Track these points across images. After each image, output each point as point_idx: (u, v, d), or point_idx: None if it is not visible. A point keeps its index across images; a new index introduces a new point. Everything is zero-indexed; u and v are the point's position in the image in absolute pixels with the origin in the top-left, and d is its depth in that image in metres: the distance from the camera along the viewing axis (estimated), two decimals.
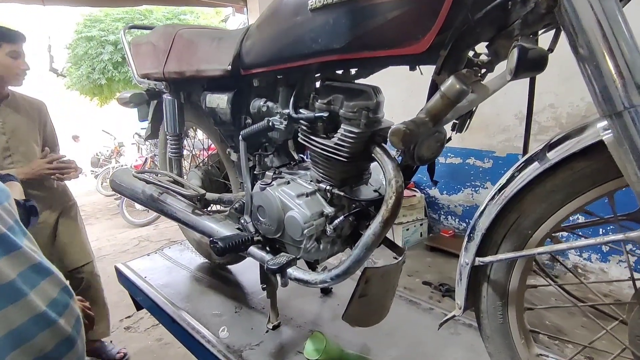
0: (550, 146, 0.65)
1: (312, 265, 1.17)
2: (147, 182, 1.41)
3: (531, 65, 0.57)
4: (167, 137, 1.44)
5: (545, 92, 3.17)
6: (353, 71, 0.98)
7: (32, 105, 1.73)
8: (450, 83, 0.60)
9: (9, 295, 0.64)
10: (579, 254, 3.33)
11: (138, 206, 5.50)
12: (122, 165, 6.71)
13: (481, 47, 0.77)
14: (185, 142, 1.77)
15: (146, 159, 6.01)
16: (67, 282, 0.80)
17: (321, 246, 0.99)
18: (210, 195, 1.32)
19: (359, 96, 0.88)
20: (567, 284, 0.81)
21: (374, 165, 1.00)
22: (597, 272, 3.24)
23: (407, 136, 0.60)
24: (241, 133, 1.04)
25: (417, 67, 0.86)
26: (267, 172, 1.04)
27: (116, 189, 1.57)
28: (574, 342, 1.42)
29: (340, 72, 1.00)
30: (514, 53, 0.58)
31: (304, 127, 0.96)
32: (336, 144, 0.89)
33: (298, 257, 0.97)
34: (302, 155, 1.21)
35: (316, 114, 0.90)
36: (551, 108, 3.17)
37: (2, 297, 0.63)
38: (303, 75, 0.99)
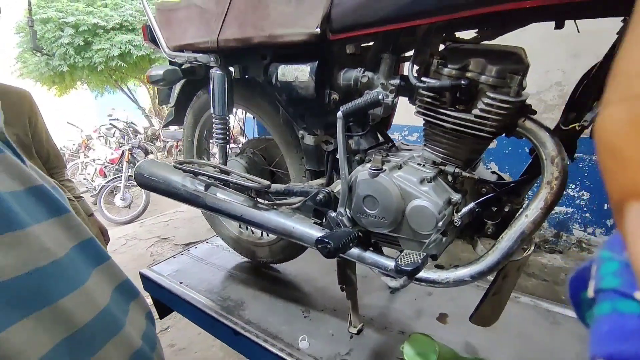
0: None
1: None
2: (196, 173, 1.19)
3: None
4: (213, 120, 1.22)
5: (552, 69, 3.17)
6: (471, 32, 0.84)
7: (17, 97, 1.36)
8: None
9: (107, 326, 0.45)
10: (583, 228, 3.42)
11: (118, 202, 5.09)
12: (93, 160, 6.19)
13: None
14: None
15: (123, 151, 5.55)
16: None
17: (444, 239, 0.85)
18: (275, 187, 1.13)
19: (506, 59, 0.73)
20: None
21: None
22: (601, 246, 3.34)
23: None
24: (341, 109, 0.86)
25: (564, 23, 0.73)
26: (374, 156, 0.87)
27: (146, 184, 1.33)
28: None
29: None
30: None
31: (428, 99, 0.80)
32: (478, 116, 0.75)
33: (426, 254, 0.82)
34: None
35: (453, 82, 0.75)
36: (558, 86, 3.18)
37: (101, 329, 0.43)
38: (423, 36, 0.82)
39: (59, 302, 0.35)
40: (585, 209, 3.36)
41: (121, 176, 5.08)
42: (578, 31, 0.74)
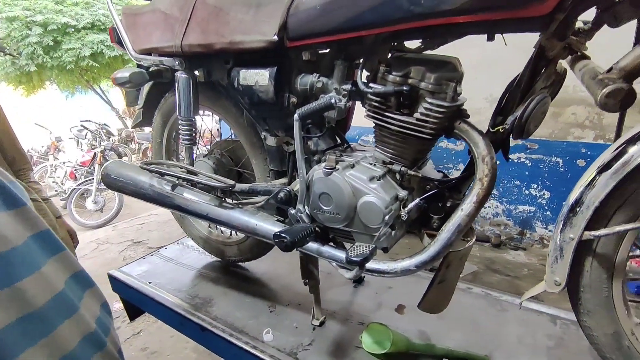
0: None
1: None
2: (162, 174, 1.22)
3: None
4: (179, 121, 1.26)
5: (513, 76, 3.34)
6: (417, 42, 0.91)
7: None
8: None
9: (62, 309, 0.49)
10: (544, 226, 3.62)
11: (89, 206, 4.97)
12: (63, 163, 6.01)
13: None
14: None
15: (95, 153, 5.42)
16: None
17: (393, 232, 0.92)
18: (239, 186, 1.18)
19: (443, 67, 0.81)
20: None
21: None
22: None
23: (629, 96, 0.55)
24: (298, 112, 0.92)
25: (496, 35, 0.82)
26: (329, 156, 0.93)
27: (112, 185, 1.34)
28: None
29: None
30: None
31: (375, 103, 0.87)
32: (419, 119, 0.82)
33: (375, 246, 0.89)
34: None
35: (396, 88, 0.82)
36: None
37: (57, 311, 0.48)
38: (370, 45, 0.89)
39: (17, 285, 0.40)
40: (546, 207, 3.55)
41: (93, 179, 4.95)
42: (505, 44, 0.83)
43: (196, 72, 1.21)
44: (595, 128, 3.22)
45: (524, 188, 3.66)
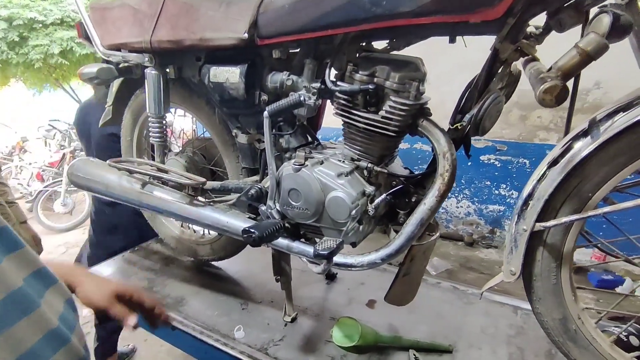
0: (608, 116, 0.70)
1: None
2: (131, 172, 1.20)
3: (621, 31, 0.60)
4: (149, 119, 1.24)
5: None
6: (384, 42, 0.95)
7: None
8: (590, 37, 0.60)
9: (20, 306, 0.48)
10: None
11: (58, 209, 4.77)
12: (29, 164, 5.75)
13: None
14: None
15: (64, 154, 5.22)
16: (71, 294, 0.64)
17: (361, 227, 0.94)
18: (210, 184, 1.18)
19: (406, 67, 0.85)
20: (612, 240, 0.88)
21: None
22: None
23: (563, 92, 0.59)
24: (267, 109, 0.93)
25: (458, 38, 0.86)
26: (298, 152, 0.95)
27: (80, 184, 1.31)
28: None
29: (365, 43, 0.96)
30: (604, 19, 0.60)
31: (343, 102, 0.89)
32: (384, 117, 0.85)
33: (342, 240, 0.91)
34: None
35: (362, 87, 0.84)
36: None
37: (13, 308, 0.47)
38: (338, 45, 0.92)
39: None
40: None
41: (62, 180, 4.77)
42: (465, 46, 0.87)
43: (167, 69, 1.20)
44: (560, 131, 3.39)
45: (494, 188, 3.80)
